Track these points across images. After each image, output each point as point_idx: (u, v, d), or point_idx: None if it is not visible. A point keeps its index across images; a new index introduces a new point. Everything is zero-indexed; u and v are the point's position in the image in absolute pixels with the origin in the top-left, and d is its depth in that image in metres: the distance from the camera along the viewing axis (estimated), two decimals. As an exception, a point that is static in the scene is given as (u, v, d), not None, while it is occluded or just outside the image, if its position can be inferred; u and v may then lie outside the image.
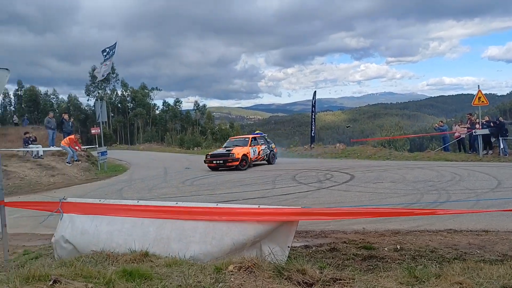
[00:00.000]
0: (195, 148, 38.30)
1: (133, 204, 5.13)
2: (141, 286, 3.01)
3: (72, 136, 18.59)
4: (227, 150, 18.25)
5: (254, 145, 19.08)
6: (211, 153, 18.98)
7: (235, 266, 3.67)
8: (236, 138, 21.79)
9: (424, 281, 3.15)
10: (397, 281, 3.24)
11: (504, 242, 5.84)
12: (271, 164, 19.56)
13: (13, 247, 6.99)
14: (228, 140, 21.14)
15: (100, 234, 4.94)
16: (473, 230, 6.55)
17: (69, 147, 17.98)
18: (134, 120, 72.33)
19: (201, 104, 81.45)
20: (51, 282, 3.02)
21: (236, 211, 4.53)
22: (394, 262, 5.12)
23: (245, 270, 3.60)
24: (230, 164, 17.44)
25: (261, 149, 19.38)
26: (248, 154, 18.17)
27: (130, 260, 4.01)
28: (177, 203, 5.02)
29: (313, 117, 23.17)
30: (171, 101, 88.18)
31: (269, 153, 19.76)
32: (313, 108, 23.27)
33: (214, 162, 17.73)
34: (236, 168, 17.41)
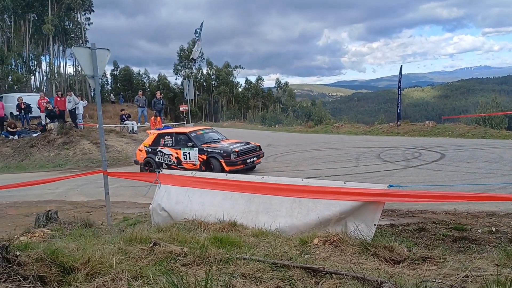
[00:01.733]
0: (277, 126, 38.62)
1: (223, 179, 5.39)
2: (231, 253, 3.19)
3: (152, 118, 19.03)
4: (246, 143, 12.41)
5: None
6: (239, 149, 11.30)
7: (320, 240, 3.74)
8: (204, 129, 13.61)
9: (524, 265, 2.96)
10: (493, 262, 3.08)
11: None
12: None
13: (114, 213, 7.73)
14: (200, 132, 12.66)
15: (193, 205, 5.28)
16: None
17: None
18: (218, 98, 74.58)
19: (282, 82, 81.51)
20: (151, 244, 3.32)
21: (321, 189, 4.56)
22: (489, 245, 4.86)
23: (330, 244, 3.65)
24: (258, 160, 12.28)
25: None
26: None
27: (219, 229, 4.26)
28: (263, 177, 5.18)
29: (399, 93, 22.12)
30: (253, 79, 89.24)
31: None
32: (399, 84, 22.17)
33: (248, 161, 11.46)
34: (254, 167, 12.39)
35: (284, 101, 75.18)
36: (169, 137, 12.25)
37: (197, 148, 11.45)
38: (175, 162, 11.81)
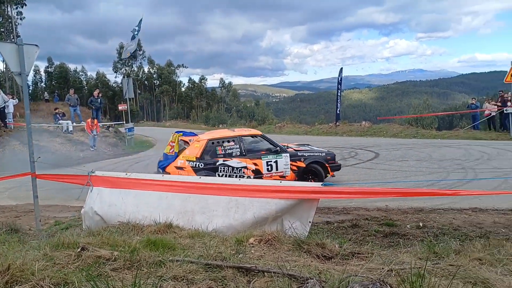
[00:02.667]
0: (220, 126, 38.56)
1: (159, 179, 5.27)
2: (164, 255, 3.12)
3: (88, 120, 18.19)
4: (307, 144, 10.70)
5: None
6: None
7: (256, 239, 3.76)
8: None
9: (443, 257, 3.15)
10: (416, 256, 3.26)
11: (531, 222, 5.75)
12: None
13: (45, 218, 7.33)
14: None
15: (127, 207, 5.12)
16: (499, 209, 6.46)
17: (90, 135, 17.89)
18: (160, 97, 73.21)
19: (226, 82, 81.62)
20: (79, 249, 3.18)
21: (258, 187, 4.60)
22: (416, 239, 5.13)
23: (265, 243, 3.68)
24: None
25: None
26: None
27: (154, 231, 4.16)
28: (200, 178, 5.14)
29: (338, 94, 22.85)
30: (196, 78, 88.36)
31: None
32: (339, 86, 22.91)
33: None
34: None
35: (228, 101, 75.27)
36: (233, 143, 8.50)
37: (288, 154, 8.67)
38: (251, 176, 8.27)
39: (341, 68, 23.10)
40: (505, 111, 16.96)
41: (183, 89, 77.77)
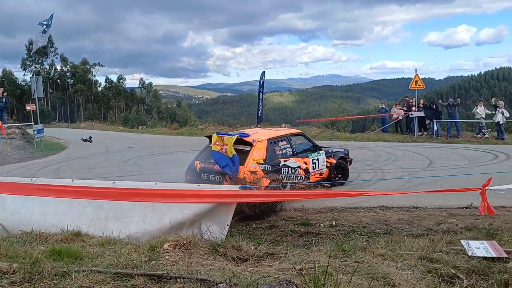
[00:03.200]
0: (140, 127, 37.33)
1: (68, 185, 4.96)
2: (70, 266, 2.94)
3: None
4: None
5: None
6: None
7: (171, 244, 3.69)
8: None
9: (351, 254, 3.33)
10: (327, 254, 3.40)
11: (431, 218, 6.27)
12: None
13: None
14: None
15: (33, 215, 4.75)
16: (404, 207, 6.97)
17: None
18: (74, 97, 69.11)
19: (146, 82, 79.19)
20: (-28, 264, 2.88)
21: (175, 192, 4.51)
22: (329, 238, 5.36)
23: (180, 248, 3.62)
24: None
25: None
26: None
27: (61, 240, 3.91)
28: (114, 183, 4.92)
29: (260, 97, 23.23)
30: (114, 77, 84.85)
31: None
32: (261, 89, 23.30)
33: None
34: None
35: (149, 102, 73.06)
36: (285, 142, 8.18)
37: (323, 151, 8.77)
38: (303, 176, 8.16)
39: (263, 72, 23.52)
40: (410, 115, 18.41)
41: (99, 88, 74.12)
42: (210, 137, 7.81)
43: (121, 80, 75.46)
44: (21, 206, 4.80)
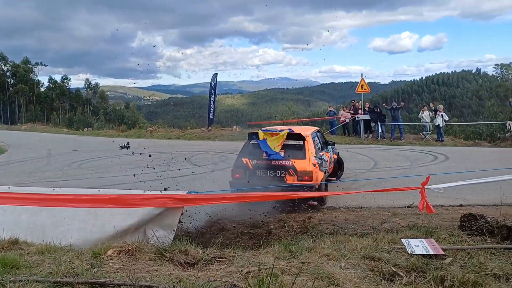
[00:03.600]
0: (85, 129, 35.98)
1: (4, 192, 4.66)
2: (5, 275, 2.77)
3: None
4: None
5: None
6: None
7: (115, 251, 3.57)
8: None
9: (297, 255, 3.37)
10: (274, 256, 3.42)
11: (375, 217, 6.50)
12: None
13: None
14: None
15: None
16: (350, 207, 7.19)
17: None
18: (15, 97, 65.45)
19: (93, 82, 76.41)
20: None
21: (118, 197, 4.37)
22: (278, 239, 5.41)
23: (125, 254, 3.51)
24: None
25: None
26: None
27: (-4, 249, 3.67)
28: (54, 189, 4.69)
29: (212, 99, 23.11)
30: (58, 78, 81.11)
31: None
32: (213, 91, 23.20)
33: None
34: None
35: (95, 103, 70.57)
36: (317, 137, 8.63)
37: (332, 146, 9.50)
38: (328, 169, 8.64)
39: (215, 74, 23.40)
40: (357, 118, 19.03)
41: (42, 89, 70.68)
42: (254, 134, 8.20)
43: (65, 80, 72.41)
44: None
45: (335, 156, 9.31)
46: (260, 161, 7.64)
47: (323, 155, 8.17)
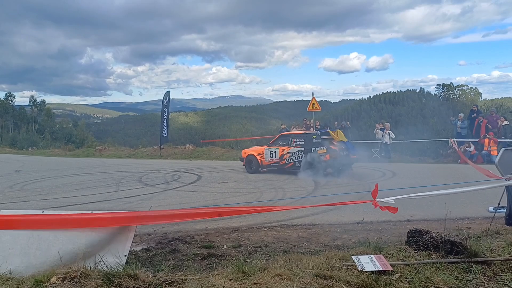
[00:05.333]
0: (30, 148, 34.31)
1: None
2: None
3: None
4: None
5: (277, 145, 14.15)
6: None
7: (59, 277, 3.39)
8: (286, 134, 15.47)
9: (250, 276, 3.34)
10: (227, 277, 3.38)
11: (327, 234, 6.59)
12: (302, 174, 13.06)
13: None
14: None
15: None
16: (303, 224, 7.25)
17: None
18: (-49, 115, 61.51)
19: (38, 100, 73.28)
20: None
21: (64, 218, 4.17)
22: (232, 259, 5.34)
23: (70, 281, 3.35)
24: (243, 163, 15.06)
25: (287, 152, 13.72)
26: (258, 156, 14.38)
27: None
28: (-3, 212, 4.41)
29: (165, 117, 22.83)
30: (1, 95, 77.29)
31: (305, 159, 13.03)
32: (165, 109, 22.93)
33: None
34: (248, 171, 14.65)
35: (41, 121, 67.62)
36: None
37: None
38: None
39: (168, 91, 23.26)
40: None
41: (-17, 106, 66.96)
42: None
43: (9, 98, 69.06)
44: None
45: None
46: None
47: None
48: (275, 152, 13.95)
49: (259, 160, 14.29)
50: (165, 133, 22.73)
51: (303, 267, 3.40)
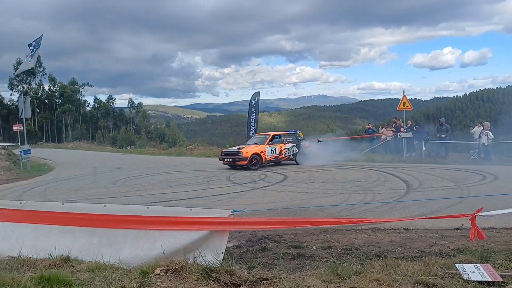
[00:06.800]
0: (128, 147, 37.11)
1: (60, 212, 4.83)
2: (60, 293, 2.86)
3: None
4: (238, 149, 17.01)
5: (275, 144, 17.40)
6: (224, 150, 18.01)
7: (162, 269, 3.61)
8: (259, 134, 19.59)
9: (345, 279, 3.29)
10: (321, 279, 3.36)
11: (423, 240, 6.25)
12: (298, 164, 17.53)
13: None
14: (252, 136, 20.23)
15: (25, 240, 4.62)
16: (395, 229, 6.95)
17: None
18: (62, 117, 68.65)
19: (136, 102, 79.12)
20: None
21: (167, 219, 4.45)
22: (322, 260, 5.30)
23: (172, 273, 3.55)
24: (239, 163, 16.36)
25: (284, 148, 17.46)
26: (262, 154, 16.73)
27: (49, 266, 3.81)
28: (105, 206, 4.84)
29: (252, 117, 23.34)
30: (103, 97, 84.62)
31: (296, 152, 17.70)
32: (253, 109, 23.47)
33: (226, 160, 16.87)
34: (247, 168, 16.14)
35: (138, 122, 72.90)
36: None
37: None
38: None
39: (257, 92, 23.87)
40: (399, 136, 18.62)
41: (88, 108, 73.91)
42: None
43: (110, 100, 75.35)
44: (12, 231, 4.67)
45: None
46: None
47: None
48: (275, 149, 17.31)
49: (263, 158, 16.85)
50: (252, 133, 23.19)
51: (402, 273, 3.27)
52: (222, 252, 4.33)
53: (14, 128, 19.92)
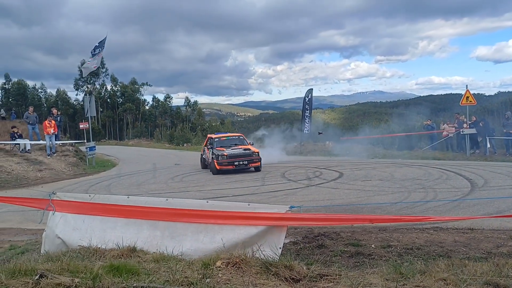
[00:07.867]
0: (185, 145, 38.18)
1: (126, 205, 5.09)
2: (128, 281, 3.01)
3: (45, 122, 17.94)
4: (245, 149, 15.49)
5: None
6: (228, 153, 15.03)
7: (223, 262, 3.70)
8: (222, 136, 17.54)
9: (409, 278, 3.20)
10: (383, 277, 3.29)
11: (489, 240, 5.93)
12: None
13: (-1, 242, 6.94)
14: (213, 140, 16.63)
15: (94, 231, 4.92)
16: (459, 228, 6.65)
17: (48, 136, 17.75)
18: (123, 115, 71.92)
19: (191, 101, 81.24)
20: (37, 277, 3.01)
21: (226, 214, 4.55)
22: (381, 259, 5.19)
23: (232, 266, 3.62)
24: (253, 164, 15.15)
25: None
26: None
27: (117, 255, 4.02)
28: (167, 200, 5.04)
29: (307, 114, 23.20)
30: (160, 96, 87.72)
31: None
32: (307, 106, 23.33)
33: (235, 163, 14.81)
34: (256, 169, 15.23)
35: (193, 119, 74.81)
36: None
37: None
38: None
39: (311, 89, 23.71)
40: (461, 133, 17.72)
41: (147, 107, 76.85)
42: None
43: (167, 99, 77.86)
44: (82, 222, 4.99)
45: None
46: None
47: None
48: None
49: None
50: (307, 130, 23.05)
51: (470, 273, 3.13)
52: (280, 248, 4.36)
53: (81, 126, 21.11)
